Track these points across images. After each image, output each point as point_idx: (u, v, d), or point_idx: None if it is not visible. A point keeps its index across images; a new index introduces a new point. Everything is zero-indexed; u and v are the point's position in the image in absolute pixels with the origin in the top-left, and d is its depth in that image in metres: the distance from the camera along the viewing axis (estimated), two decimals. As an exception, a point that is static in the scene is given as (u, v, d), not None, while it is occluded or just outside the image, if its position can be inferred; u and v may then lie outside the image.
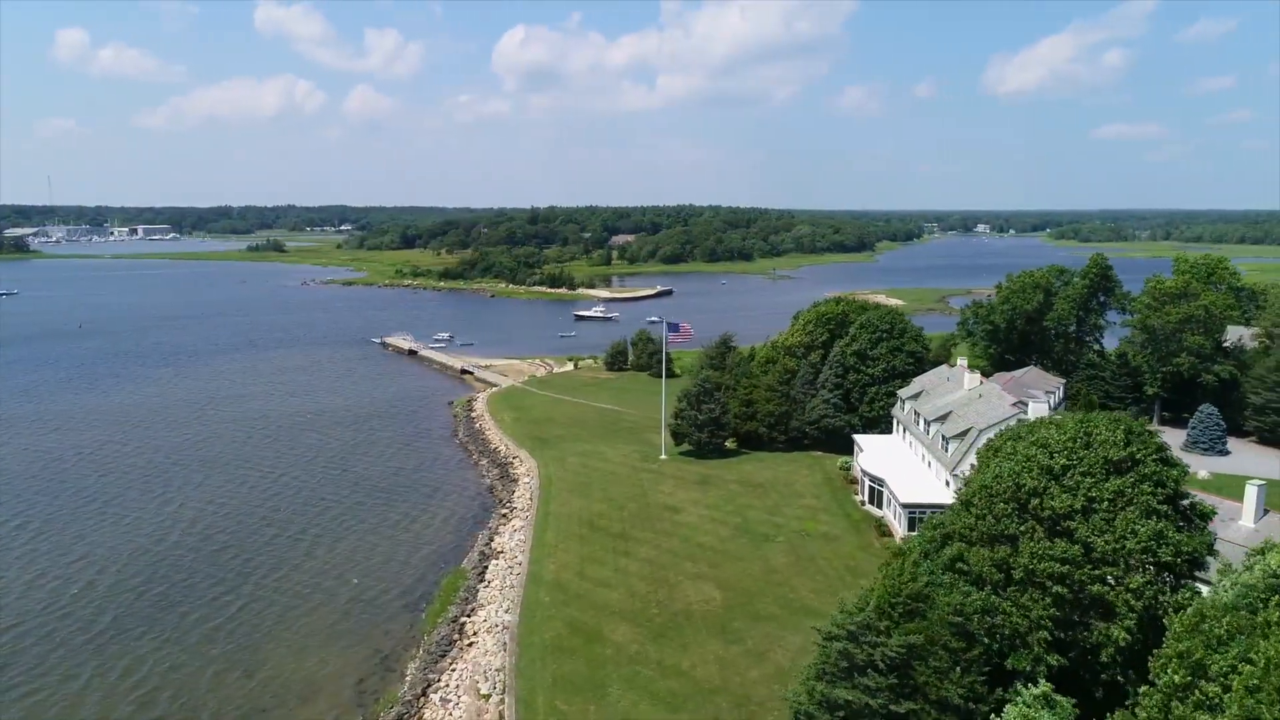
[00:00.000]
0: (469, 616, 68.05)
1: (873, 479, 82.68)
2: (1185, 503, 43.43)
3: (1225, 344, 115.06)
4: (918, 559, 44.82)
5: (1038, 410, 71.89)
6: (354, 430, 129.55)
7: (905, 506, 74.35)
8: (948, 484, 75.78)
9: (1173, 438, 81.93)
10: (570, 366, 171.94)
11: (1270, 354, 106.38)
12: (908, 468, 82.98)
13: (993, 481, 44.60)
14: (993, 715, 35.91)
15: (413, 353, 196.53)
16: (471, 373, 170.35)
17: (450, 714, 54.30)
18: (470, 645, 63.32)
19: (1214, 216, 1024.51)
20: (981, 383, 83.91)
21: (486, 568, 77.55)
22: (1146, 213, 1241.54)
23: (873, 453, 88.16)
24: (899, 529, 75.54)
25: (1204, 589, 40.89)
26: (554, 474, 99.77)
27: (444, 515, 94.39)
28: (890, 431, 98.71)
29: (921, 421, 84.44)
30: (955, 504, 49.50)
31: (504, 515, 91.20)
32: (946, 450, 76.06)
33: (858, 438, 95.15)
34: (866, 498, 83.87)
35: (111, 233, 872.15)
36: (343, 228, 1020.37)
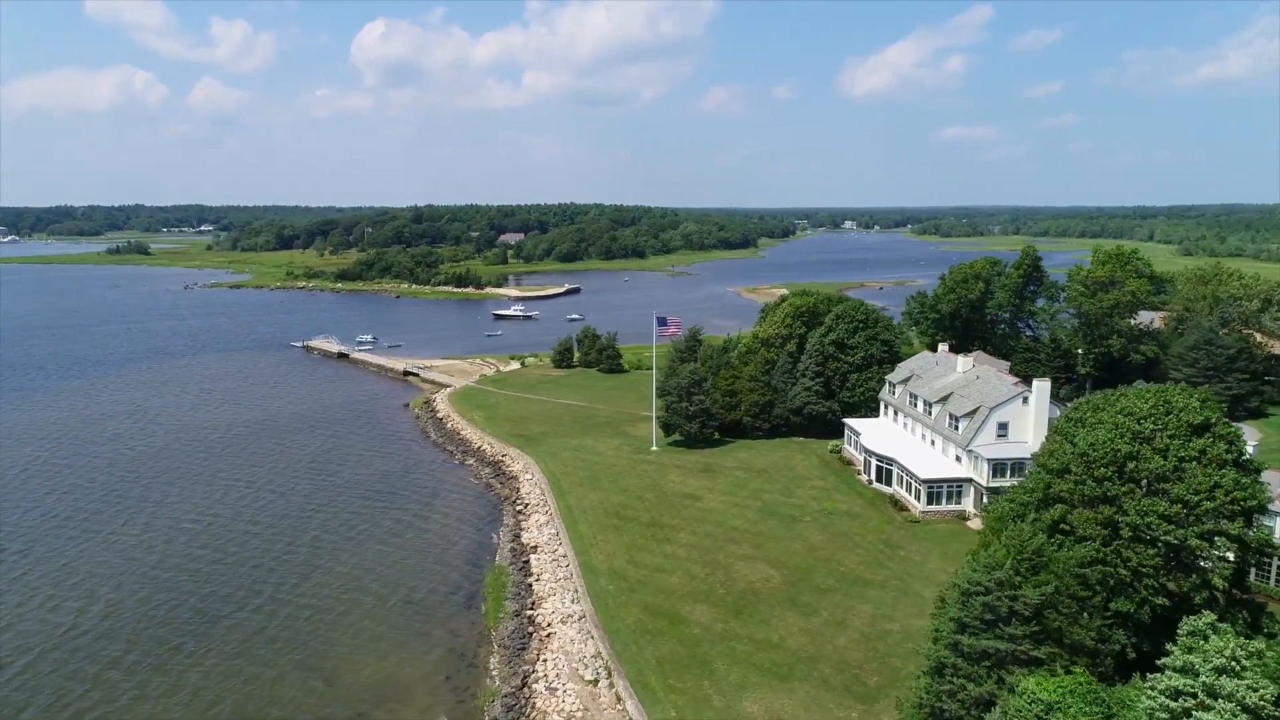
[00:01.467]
0: (534, 610, 68.93)
1: (880, 459, 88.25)
2: (1245, 458, 50.10)
3: (1139, 326, 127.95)
4: (1034, 519, 49.63)
5: (1041, 389, 79.13)
6: (314, 436, 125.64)
7: (925, 482, 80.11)
8: (958, 459, 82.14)
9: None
10: (517, 365, 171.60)
11: (1186, 334, 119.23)
12: (912, 447, 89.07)
13: (1089, 449, 49.96)
14: (1168, 644, 40.22)
15: (343, 356, 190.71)
16: (415, 374, 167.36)
17: (564, 701, 55.48)
18: (550, 636, 64.36)
19: (1048, 213, 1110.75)
20: (974, 365, 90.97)
21: (527, 562, 78.34)
22: (988, 209, 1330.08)
23: (871, 435, 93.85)
24: (917, 504, 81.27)
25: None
26: (556, 469, 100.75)
27: (453, 515, 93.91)
28: (873, 414, 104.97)
29: (920, 403, 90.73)
30: (1036, 471, 54.78)
31: (519, 511, 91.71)
32: (956, 428, 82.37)
33: (850, 421, 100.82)
34: (873, 476, 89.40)
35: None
36: (203, 228, 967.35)
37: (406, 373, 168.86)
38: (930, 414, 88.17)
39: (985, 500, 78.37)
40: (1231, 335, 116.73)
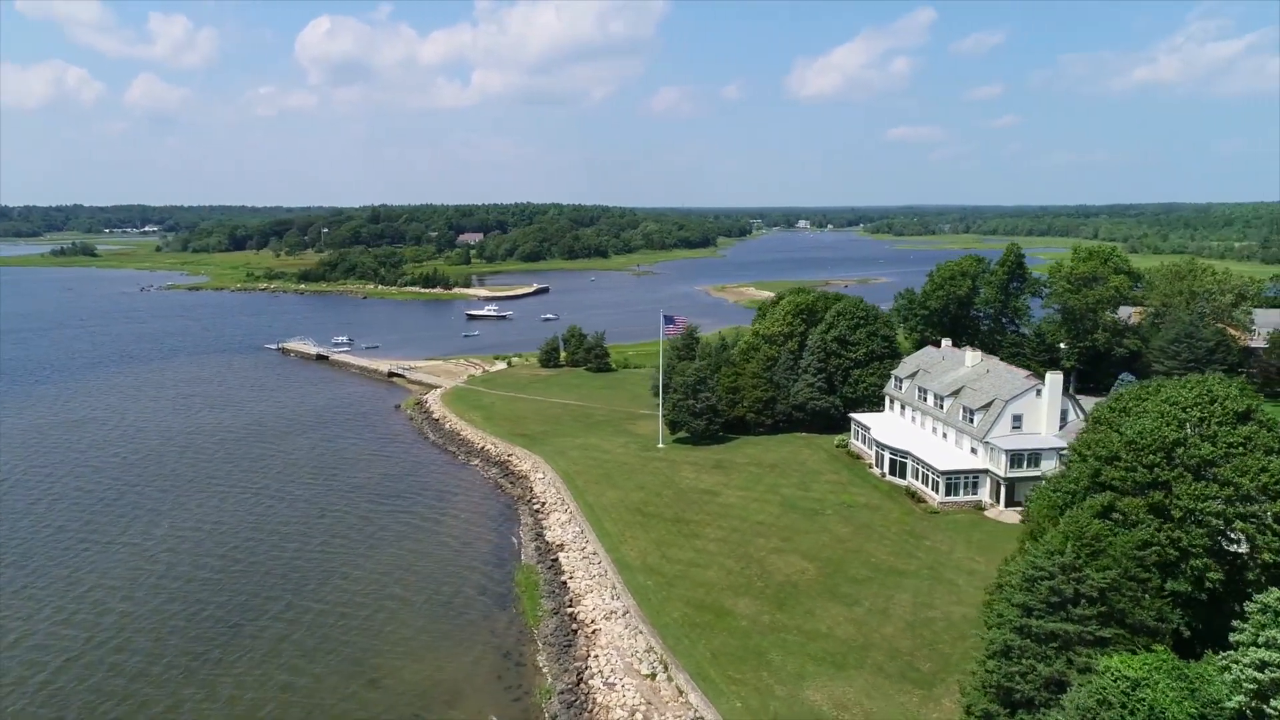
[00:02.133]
0: (573, 607, 69.09)
1: (894, 452, 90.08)
2: (1282, 443, 52.47)
3: (1121, 321, 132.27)
4: (1090, 506, 51.34)
5: (1054, 381, 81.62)
6: (307, 440, 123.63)
7: (944, 474, 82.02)
8: (973, 451, 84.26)
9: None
10: (504, 365, 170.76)
11: (1166, 328, 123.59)
12: (925, 440, 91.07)
13: (1137, 437, 51.92)
14: (1236, 621, 42.09)
15: (322, 358, 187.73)
16: (401, 375, 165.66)
17: (624, 696, 55.82)
18: (596, 632, 64.57)
19: (993, 211, 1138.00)
20: (982, 360, 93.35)
21: (556, 560, 78.41)
22: (934, 208, 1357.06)
23: (882, 429, 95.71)
24: (935, 495, 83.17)
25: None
26: (568, 468, 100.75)
27: (465, 515, 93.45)
28: (875, 409, 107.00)
29: (930, 397, 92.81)
30: (1077, 460, 56.66)
31: (537, 510, 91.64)
32: (971, 421, 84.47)
33: (857, 416, 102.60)
34: (886, 470, 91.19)
35: None
36: (147, 228, 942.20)
37: (391, 374, 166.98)
38: (942, 407, 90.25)
39: (1003, 490, 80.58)
40: (1207, 329, 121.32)
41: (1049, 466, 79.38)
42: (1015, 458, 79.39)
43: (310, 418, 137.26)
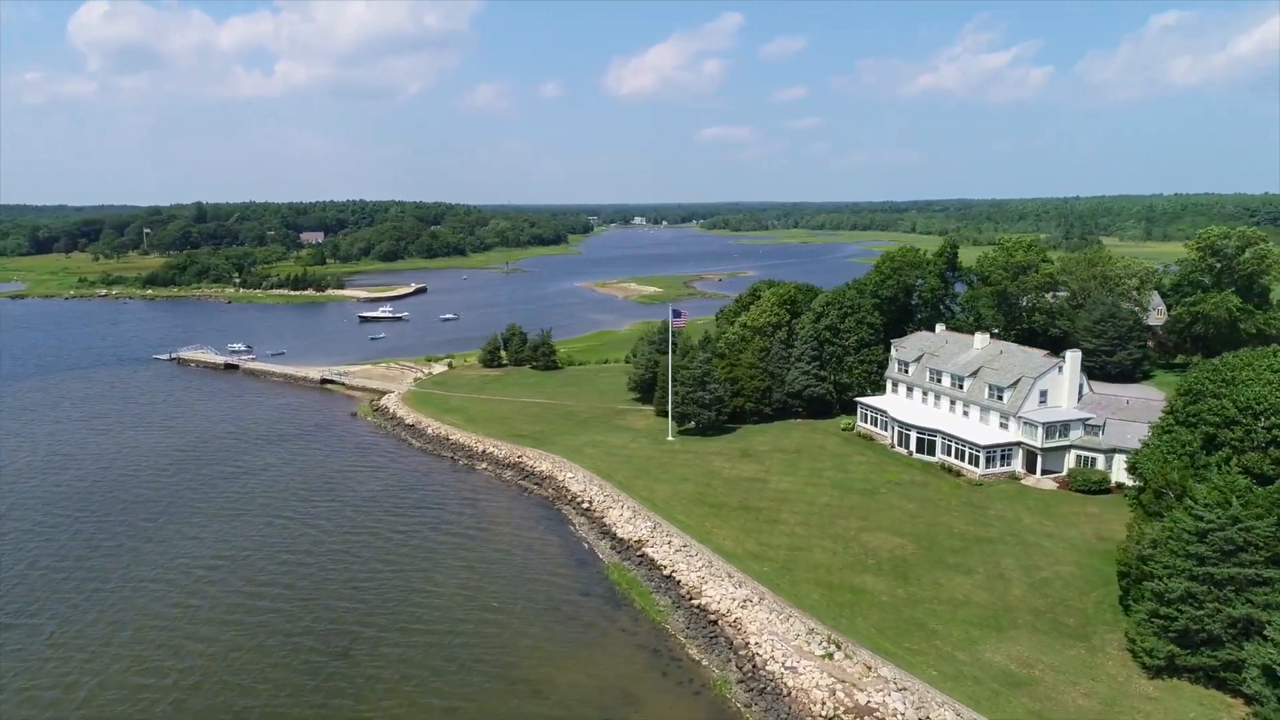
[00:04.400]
0: (696, 599, 69.31)
1: (921, 430, 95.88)
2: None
3: (1052, 304, 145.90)
4: (1233, 465, 57.85)
5: (1074, 359, 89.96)
6: (273, 456, 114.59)
7: (984, 448, 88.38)
8: (1003, 425, 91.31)
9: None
10: (444, 367, 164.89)
11: (1089, 310, 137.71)
12: (949, 418, 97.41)
13: (1254, 402, 59.10)
14: None
15: (231, 367, 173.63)
16: (335, 382, 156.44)
17: (815, 677, 57.05)
18: (738, 621, 65.21)
19: (809, 208, 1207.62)
20: (990, 341, 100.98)
21: (644, 555, 78.06)
22: (753, 205, 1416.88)
23: (900, 410, 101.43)
24: (975, 469, 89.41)
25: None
26: (598, 466, 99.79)
27: (505, 520, 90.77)
28: (869, 394, 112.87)
29: (946, 378, 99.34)
30: (1176, 429, 63.59)
31: (586, 509, 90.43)
32: (1000, 398, 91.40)
33: (866, 400, 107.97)
34: (914, 448, 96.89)
35: None
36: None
37: (324, 381, 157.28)
38: (962, 387, 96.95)
39: (1039, 460, 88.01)
40: (1124, 310, 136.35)
41: (1076, 436, 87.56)
42: (1049, 429, 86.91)
43: (261, 431, 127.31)
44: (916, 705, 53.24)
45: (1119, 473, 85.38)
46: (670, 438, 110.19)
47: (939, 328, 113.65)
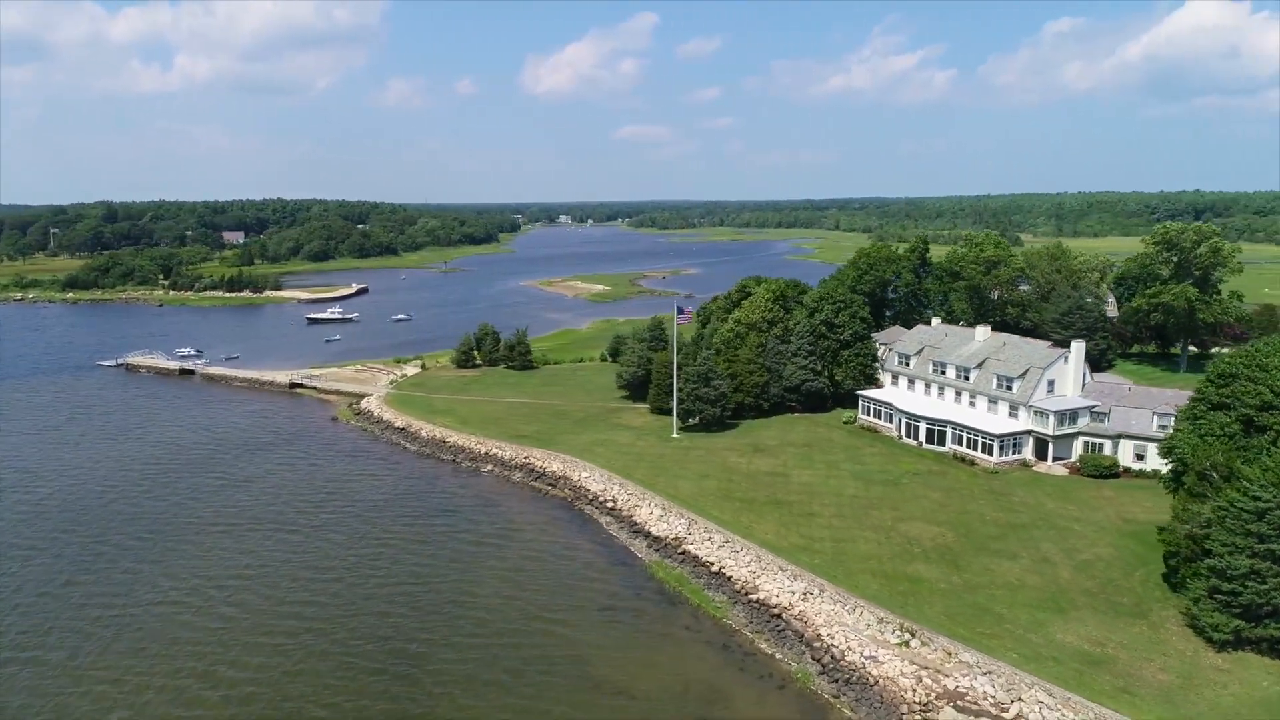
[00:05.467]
0: (753, 594, 69.48)
1: (931, 421, 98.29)
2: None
3: (1022, 297, 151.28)
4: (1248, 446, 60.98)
5: (1078, 349, 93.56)
6: (262, 464, 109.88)
7: (998, 437, 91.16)
8: (1013, 414, 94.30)
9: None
10: (415, 369, 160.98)
11: (1056, 301, 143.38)
12: (957, 409, 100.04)
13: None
14: None
15: (186, 373, 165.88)
16: (305, 386, 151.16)
17: (896, 665, 57.85)
18: (802, 614, 65.63)
19: (735, 206, 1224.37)
20: (992, 334, 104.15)
21: (685, 552, 77.89)
22: (675, 204, 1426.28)
23: (906, 402, 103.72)
24: (989, 457, 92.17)
25: None
26: (611, 464, 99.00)
27: (528, 523, 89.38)
28: (864, 387, 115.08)
29: (951, 370, 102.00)
30: (1212, 413, 66.81)
31: (610, 509, 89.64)
32: (1009, 388, 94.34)
33: (868, 393, 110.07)
34: (924, 439, 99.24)
35: None
36: None
37: (293, 385, 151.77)
38: (968, 378, 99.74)
39: (1050, 447, 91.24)
40: (1089, 302, 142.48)
41: (1084, 423, 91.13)
42: (1060, 417, 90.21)
43: (239, 439, 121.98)
44: (1005, 687, 54.62)
45: (1126, 457, 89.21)
46: (675, 434, 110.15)
47: (935, 321, 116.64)
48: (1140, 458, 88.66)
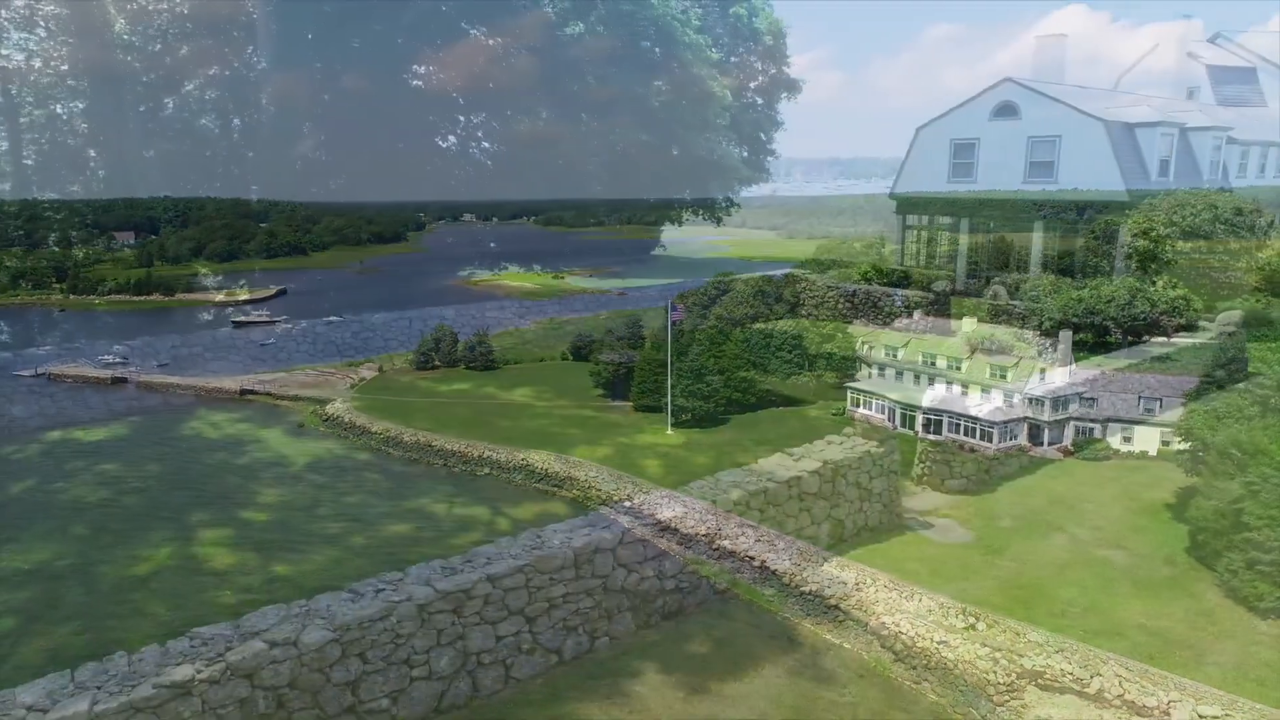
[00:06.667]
0: (803, 585, 69.84)
1: (928, 411, 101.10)
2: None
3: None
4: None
5: (1065, 337, 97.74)
6: (230, 477, 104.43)
7: (998, 425, 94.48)
8: (1008, 402, 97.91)
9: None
10: (373, 371, 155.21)
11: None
12: (950, 397, 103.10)
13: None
14: None
15: (120, 380, 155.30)
16: (258, 392, 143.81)
17: (968, 648, 59.26)
18: (859, 603, 66.39)
19: (641, 205, 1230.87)
20: (978, 324, 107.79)
21: (721, 547, 77.33)
22: (577, 202, 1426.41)
23: (897, 393, 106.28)
24: (989, 444, 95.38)
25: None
26: (616, 461, 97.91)
27: (544, 525, 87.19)
28: (853, 380, 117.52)
29: (941, 360, 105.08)
30: (1229, 394, 71.07)
31: (627, 506, 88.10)
32: (1004, 377, 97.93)
33: (857, 385, 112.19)
34: (920, 428, 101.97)
35: None
36: None
37: (244, 391, 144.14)
38: (959, 368, 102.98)
39: (1045, 433, 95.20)
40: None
41: (1074, 408, 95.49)
42: (1054, 403, 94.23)
43: (202, 447, 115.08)
44: (1081, 664, 56.62)
45: (1114, 440, 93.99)
46: (669, 431, 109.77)
47: (916, 314, 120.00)
48: (1128, 440, 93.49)
